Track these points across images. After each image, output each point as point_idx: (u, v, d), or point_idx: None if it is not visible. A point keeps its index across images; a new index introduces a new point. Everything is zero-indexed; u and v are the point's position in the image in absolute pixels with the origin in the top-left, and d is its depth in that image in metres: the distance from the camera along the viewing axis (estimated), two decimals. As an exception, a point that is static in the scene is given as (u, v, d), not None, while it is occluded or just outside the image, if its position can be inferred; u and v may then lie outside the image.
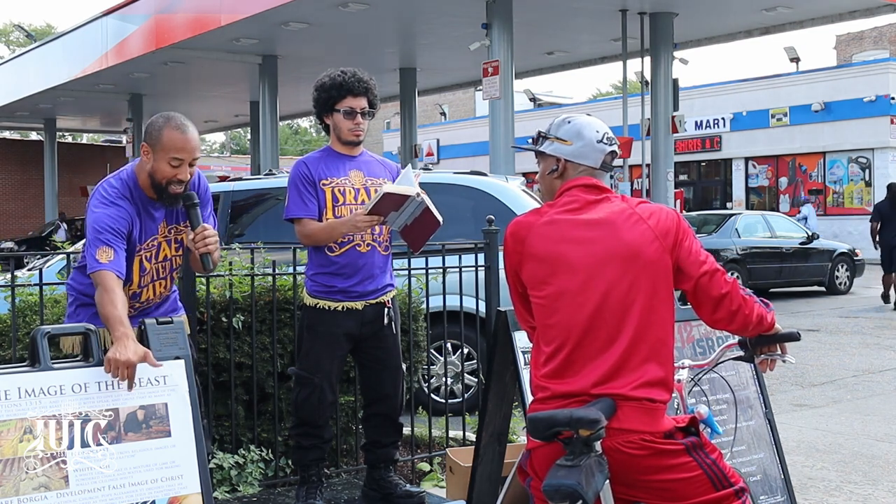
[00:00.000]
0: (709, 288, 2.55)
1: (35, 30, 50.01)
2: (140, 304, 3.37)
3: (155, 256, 3.35)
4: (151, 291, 3.38)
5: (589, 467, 2.29)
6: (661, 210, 2.58)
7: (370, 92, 4.03)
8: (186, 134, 3.21)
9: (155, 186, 3.24)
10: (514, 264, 2.64)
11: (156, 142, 3.20)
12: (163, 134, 3.19)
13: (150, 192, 3.28)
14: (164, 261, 3.38)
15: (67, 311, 3.47)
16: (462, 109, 47.38)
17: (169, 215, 3.37)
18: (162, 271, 3.38)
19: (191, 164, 3.24)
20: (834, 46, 40.24)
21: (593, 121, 2.70)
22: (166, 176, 3.21)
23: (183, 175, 3.22)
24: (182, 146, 3.19)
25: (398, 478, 4.29)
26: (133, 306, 3.30)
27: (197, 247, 3.23)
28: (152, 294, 3.39)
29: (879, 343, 10.19)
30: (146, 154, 3.23)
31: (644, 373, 2.44)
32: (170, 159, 3.18)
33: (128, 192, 3.26)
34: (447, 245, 5.07)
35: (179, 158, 3.19)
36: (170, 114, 3.30)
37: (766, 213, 17.79)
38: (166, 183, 3.22)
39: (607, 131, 2.69)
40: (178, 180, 3.22)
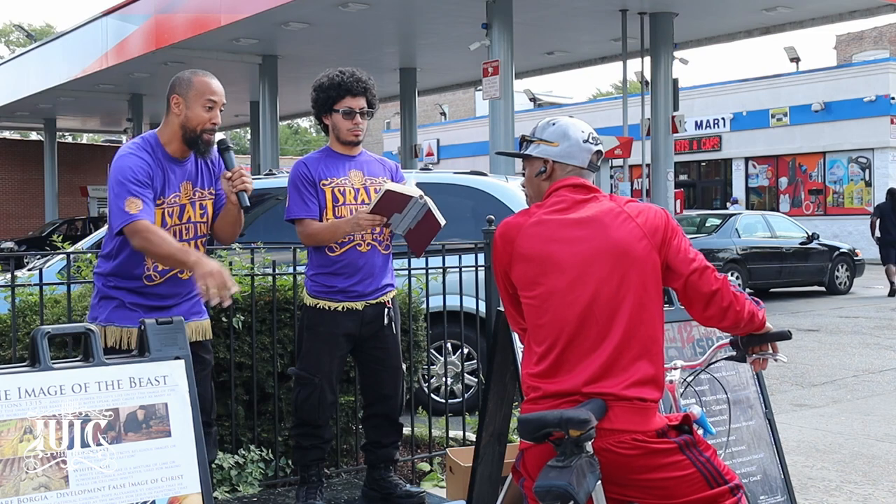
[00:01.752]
0: (699, 285, 2.55)
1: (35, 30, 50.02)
2: (164, 266, 3.36)
3: (178, 215, 3.39)
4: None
5: (580, 468, 2.29)
6: (649, 208, 2.59)
7: (369, 92, 4.03)
8: (214, 79, 3.42)
9: (188, 138, 3.36)
10: (504, 265, 2.65)
11: (188, 89, 3.35)
12: (194, 80, 3.37)
13: (178, 149, 3.38)
14: (187, 222, 3.43)
15: (91, 303, 3.48)
16: (462, 109, 47.39)
17: (193, 177, 3.44)
18: (185, 233, 3.41)
19: (219, 110, 3.39)
20: (834, 46, 40.26)
21: (577, 122, 2.72)
22: (202, 121, 3.34)
23: (216, 119, 3.37)
24: (215, 88, 3.37)
25: (398, 478, 4.29)
26: (156, 268, 3.34)
27: (234, 184, 3.34)
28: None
29: (879, 343, 10.19)
30: (178, 105, 3.36)
31: (635, 371, 2.45)
32: (204, 102, 3.34)
33: (148, 147, 3.35)
34: (447, 245, 5.07)
35: (213, 100, 3.35)
36: (193, 69, 3.48)
37: (766, 213, 17.79)
38: (201, 130, 3.35)
39: (592, 131, 2.71)
40: (213, 124, 3.36)
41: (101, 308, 3.38)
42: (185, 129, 3.36)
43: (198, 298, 3.53)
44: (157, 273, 3.36)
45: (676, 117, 17.24)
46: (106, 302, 3.37)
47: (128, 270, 3.35)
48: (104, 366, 2.60)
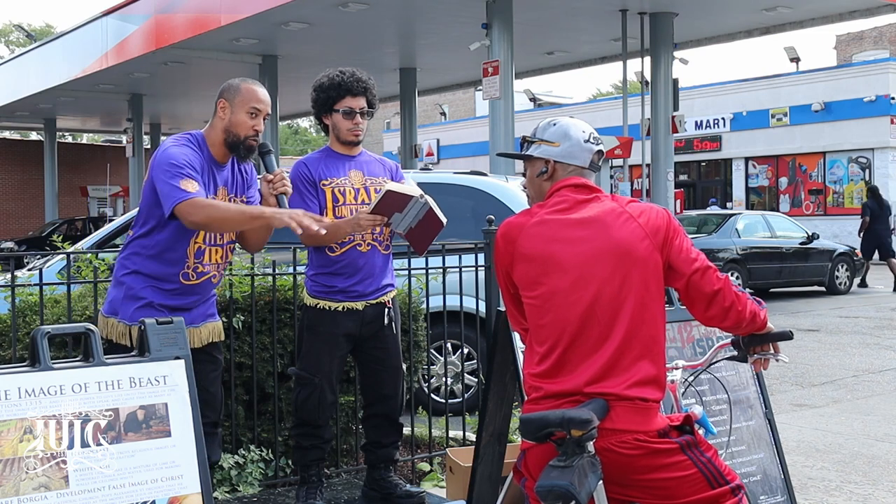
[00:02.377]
0: (701, 285, 2.55)
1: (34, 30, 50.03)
2: (202, 268, 3.43)
3: None
4: (212, 254, 3.47)
5: (582, 468, 2.29)
6: (651, 209, 2.59)
7: (369, 92, 4.03)
8: (262, 88, 3.51)
9: (231, 142, 3.43)
10: (506, 265, 2.65)
11: (235, 95, 3.44)
12: (241, 87, 3.46)
13: (219, 153, 3.46)
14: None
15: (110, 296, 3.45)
16: (462, 109, 47.39)
17: (229, 183, 3.50)
18: (219, 238, 3.48)
19: (264, 119, 3.47)
20: (834, 46, 40.26)
21: (578, 122, 2.72)
22: (245, 127, 3.42)
23: (259, 126, 3.45)
24: (261, 97, 3.46)
25: (398, 478, 4.29)
26: (196, 269, 3.42)
27: (276, 187, 3.45)
28: (217, 258, 3.49)
29: (879, 343, 10.19)
30: (224, 109, 3.44)
31: (637, 371, 2.45)
32: (249, 109, 3.42)
33: (196, 143, 3.43)
34: (447, 245, 5.07)
35: (258, 108, 3.43)
36: (243, 77, 3.59)
37: (766, 213, 17.79)
38: (244, 136, 3.42)
39: (592, 131, 2.71)
40: (255, 132, 3.44)
41: (125, 306, 3.38)
42: (229, 133, 3.43)
43: (213, 300, 3.61)
44: (195, 273, 3.43)
45: (676, 117, 17.24)
46: (131, 301, 3.37)
47: (167, 269, 3.38)
48: (104, 366, 2.60)
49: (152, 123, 31.27)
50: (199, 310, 3.49)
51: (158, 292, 3.38)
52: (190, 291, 3.44)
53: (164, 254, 3.38)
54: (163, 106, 28.12)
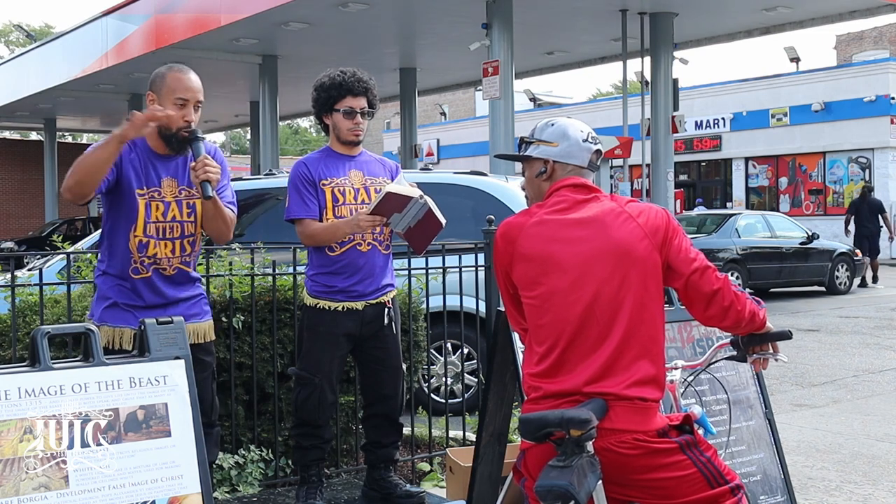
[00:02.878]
0: (700, 285, 2.55)
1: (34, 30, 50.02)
2: (149, 260, 3.35)
3: (163, 213, 3.36)
4: (159, 248, 3.36)
5: (581, 468, 2.29)
6: (650, 208, 2.59)
7: (370, 92, 4.03)
8: (189, 74, 3.38)
9: (164, 135, 3.33)
10: (505, 265, 2.65)
11: (161, 86, 3.33)
12: (167, 77, 3.34)
13: (157, 145, 3.37)
14: (172, 221, 3.39)
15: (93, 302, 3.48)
16: (462, 109, 47.39)
17: (179, 175, 3.41)
18: (169, 232, 3.38)
19: (195, 109, 3.36)
20: (834, 46, 40.25)
21: (575, 122, 2.72)
22: (174, 120, 3.29)
23: (189, 116, 3.33)
24: (186, 86, 3.34)
25: (398, 478, 4.29)
26: (142, 261, 3.34)
27: (197, 173, 3.28)
28: (160, 251, 3.36)
29: (879, 343, 10.19)
30: (152, 102, 3.33)
31: (636, 371, 2.45)
32: (175, 100, 3.30)
33: (131, 142, 3.31)
34: (447, 245, 5.07)
35: (184, 98, 3.32)
36: (170, 63, 3.47)
37: (766, 213, 17.80)
38: (176, 129, 3.31)
39: (590, 131, 2.72)
40: (186, 122, 3.32)
41: (96, 306, 3.40)
42: (160, 126, 3.31)
43: (197, 300, 3.52)
44: (143, 266, 3.35)
45: (676, 117, 17.24)
46: (101, 301, 3.38)
47: (119, 265, 3.35)
48: (104, 366, 2.60)
49: (152, 123, 31.19)
50: (178, 309, 3.38)
51: (122, 291, 3.35)
52: (146, 286, 3.36)
53: (113, 249, 3.36)
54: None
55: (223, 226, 3.46)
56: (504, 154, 3.05)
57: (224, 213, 3.42)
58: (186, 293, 3.47)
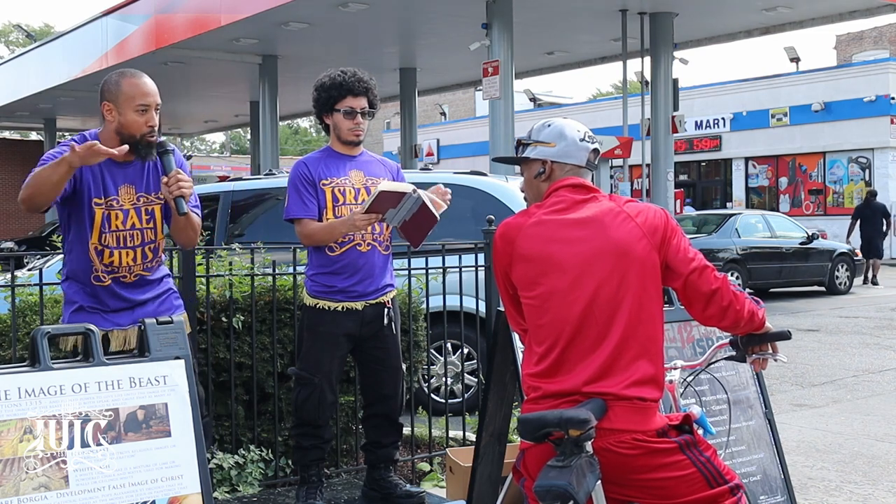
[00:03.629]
0: (699, 284, 2.55)
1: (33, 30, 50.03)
2: (110, 270, 3.31)
3: (122, 221, 3.31)
4: (118, 257, 3.32)
5: (580, 468, 2.29)
6: (648, 208, 2.59)
7: (370, 92, 4.03)
8: (144, 79, 3.29)
9: (127, 143, 3.21)
10: (504, 266, 2.65)
11: (117, 95, 3.24)
12: (123, 84, 3.25)
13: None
14: (132, 228, 3.34)
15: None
16: (462, 109, 47.39)
17: (137, 181, 3.33)
18: (130, 240, 3.33)
19: (155, 111, 3.29)
20: (834, 46, 40.25)
21: (572, 121, 2.72)
22: (138, 127, 3.23)
23: (152, 121, 3.26)
24: (145, 91, 3.25)
25: (398, 478, 4.29)
26: (103, 270, 3.29)
27: (171, 189, 3.21)
28: (118, 260, 3.32)
29: (879, 343, 10.19)
30: (110, 112, 3.25)
31: (635, 371, 2.45)
32: (136, 107, 3.23)
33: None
34: (447, 245, 5.07)
35: (145, 104, 3.24)
36: (121, 69, 3.37)
37: (766, 213, 17.80)
38: (140, 135, 3.24)
39: (587, 130, 2.72)
40: (149, 127, 3.25)
41: (65, 310, 3.38)
42: (122, 135, 3.24)
43: (166, 297, 3.48)
44: (105, 275, 3.32)
45: (676, 117, 17.24)
46: (69, 305, 3.35)
47: (80, 270, 3.33)
48: (104, 366, 2.60)
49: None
50: (144, 311, 3.36)
51: (86, 296, 3.33)
52: (107, 293, 3.33)
53: (73, 256, 3.33)
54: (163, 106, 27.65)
55: (192, 234, 3.43)
56: (502, 157, 3.04)
57: (194, 223, 3.39)
58: (153, 292, 3.43)
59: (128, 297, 3.37)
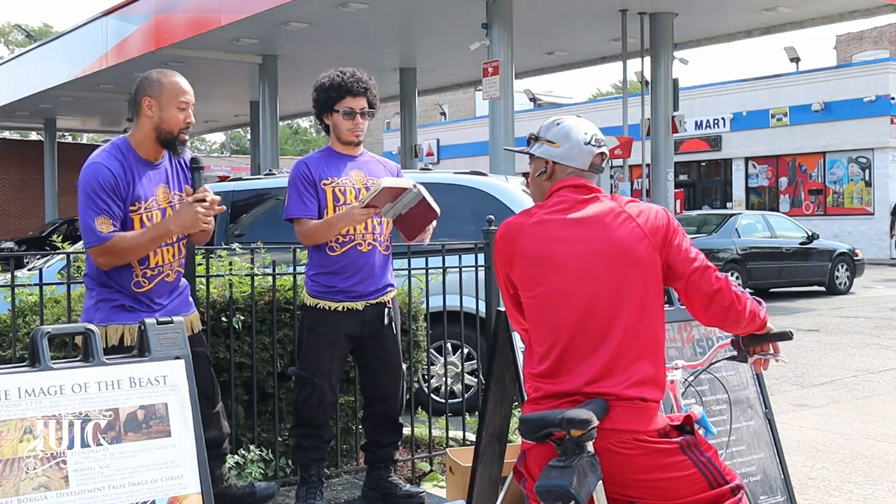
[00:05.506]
0: (700, 285, 2.55)
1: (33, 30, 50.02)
2: (152, 272, 3.42)
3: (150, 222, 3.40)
4: (160, 256, 3.43)
5: (581, 468, 2.29)
6: (650, 209, 2.59)
7: (370, 92, 4.03)
8: (184, 78, 3.46)
9: (163, 139, 3.38)
10: (506, 266, 2.65)
11: (160, 91, 3.36)
12: (166, 83, 3.38)
13: (150, 151, 3.40)
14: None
15: (85, 305, 3.48)
16: (462, 109, 47.38)
17: (168, 180, 3.46)
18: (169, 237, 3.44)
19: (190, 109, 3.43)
20: (834, 46, 40.25)
21: (582, 123, 2.69)
22: (177, 123, 3.38)
23: (190, 119, 3.41)
24: (186, 89, 3.42)
25: (398, 478, 4.29)
26: (145, 274, 3.40)
27: (214, 210, 3.39)
28: (161, 260, 3.44)
29: (879, 343, 10.19)
30: (150, 107, 3.36)
31: (636, 371, 2.45)
32: (178, 104, 3.37)
33: (119, 153, 3.35)
34: (447, 245, 5.07)
35: (186, 101, 3.39)
36: (159, 69, 3.51)
37: (766, 213, 17.80)
38: (178, 131, 3.39)
39: (596, 133, 2.68)
40: (187, 124, 3.41)
41: (97, 310, 3.40)
42: (161, 130, 3.37)
43: (186, 293, 3.61)
44: (146, 279, 3.41)
45: (676, 117, 17.23)
46: (103, 304, 3.40)
47: (118, 280, 3.39)
48: (104, 366, 2.60)
49: (152, 123, 31.21)
50: (174, 304, 3.49)
51: (124, 296, 3.40)
52: (148, 296, 3.42)
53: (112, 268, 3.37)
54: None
55: (208, 236, 3.58)
56: (511, 147, 3.03)
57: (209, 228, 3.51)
58: (176, 288, 3.56)
59: (161, 302, 3.47)
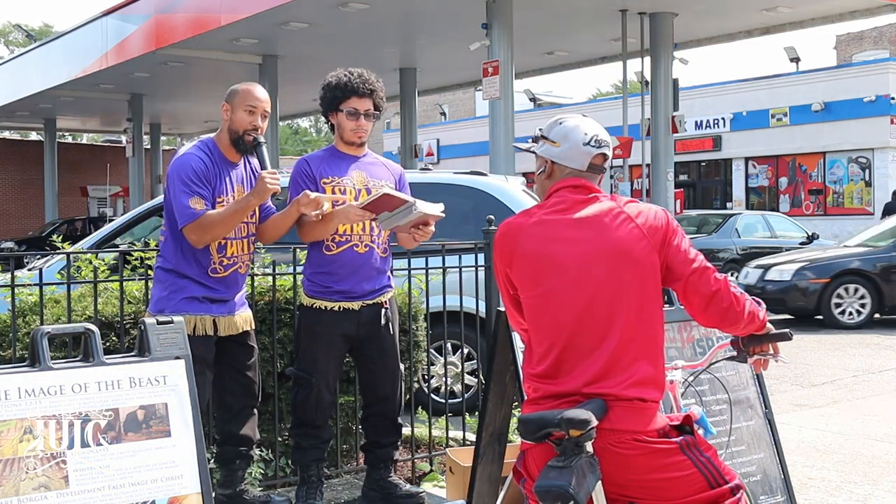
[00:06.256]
0: (699, 286, 2.55)
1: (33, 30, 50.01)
2: (228, 261, 3.77)
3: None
4: (236, 247, 3.79)
5: (580, 468, 2.29)
6: (649, 209, 2.58)
7: (376, 94, 4.03)
8: (259, 87, 3.85)
9: (234, 139, 3.76)
10: (505, 266, 2.65)
11: (234, 96, 3.79)
12: (240, 90, 3.80)
13: (228, 151, 3.79)
14: (244, 222, 3.81)
15: (156, 296, 3.73)
16: (462, 109, 47.37)
17: (244, 181, 3.84)
18: (238, 231, 3.79)
19: (263, 118, 3.78)
20: (834, 46, 40.24)
21: (583, 123, 2.67)
22: (244, 125, 3.74)
23: (256, 122, 3.76)
24: (257, 95, 3.78)
25: (398, 478, 4.29)
26: (221, 262, 3.74)
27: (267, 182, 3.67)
28: (237, 250, 3.80)
29: (879, 343, 10.19)
30: (227, 112, 3.78)
31: (635, 372, 2.45)
32: (246, 107, 3.74)
33: (206, 149, 3.76)
34: (447, 245, 5.07)
35: (254, 105, 3.75)
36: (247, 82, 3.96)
37: (766, 213, 17.80)
38: (243, 132, 3.74)
39: (598, 134, 2.65)
40: (253, 126, 3.75)
41: (169, 300, 3.67)
42: (231, 131, 3.76)
43: (243, 291, 3.95)
44: (222, 267, 3.75)
45: (676, 117, 17.24)
46: (175, 294, 3.68)
47: (196, 266, 3.71)
48: (104, 366, 2.60)
49: (152, 123, 31.28)
50: (233, 302, 3.82)
51: (196, 285, 3.70)
52: (222, 283, 3.75)
53: (191, 253, 3.70)
54: (163, 106, 28.13)
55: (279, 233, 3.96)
56: (518, 145, 3.03)
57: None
58: (241, 285, 3.92)
59: (232, 290, 3.81)
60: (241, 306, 3.89)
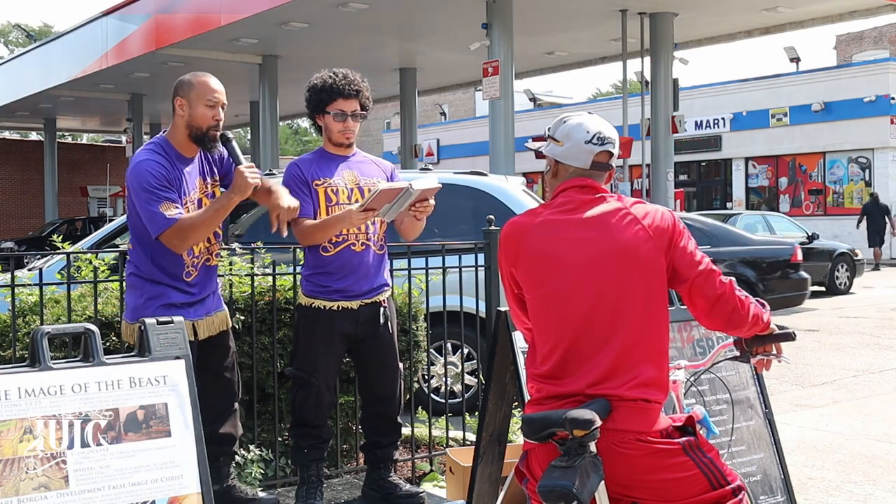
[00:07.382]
0: (704, 289, 2.54)
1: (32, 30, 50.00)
2: (197, 259, 3.66)
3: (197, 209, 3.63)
4: (201, 244, 3.66)
5: (584, 468, 2.28)
6: (656, 210, 2.58)
7: (362, 94, 4.02)
8: (214, 79, 3.65)
9: (195, 136, 3.60)
10: (510, 265, 2.64)
11: (189, 90, 3.59)
12: (195, 82, 3.61)
13: (185, 148, 3.63)
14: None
15: (130, 304, 3.64)
16: (462, 109, 47.37)
17: (202, 172, 3.70)
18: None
19: (221, 108, 3.63)
20: (834, 46, 40.25)
21: (586, 120, 2.66)
22: (206, 120, 3.58)
23: (219, 116, 3.61)
24: (215, 87, 3.61)
25: (398, 478, 4.29)
26: (193, 263, 3.64)
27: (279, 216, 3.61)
28: (203, 248, 3.69)
29: (879, 343, 10.19)
30: (182, 107, 3.59)
31: (639, 373, 2.44)
32: (206, 101, 3.58)
33: (161, 150, 3.59)
34: (447, 245, 5.06)
35: (214, 99, 3.59)
36: (193, 72, 3.72)
37: (766, 213, 17.79)
38: (207, 128, 3.59)
39: (600, 130, 2.64)
40: (216, 121, 3.60)
41: (146, 307, 3.56)
42: (192, 128, 3.59)
43: (218, 289, 3.86)
44: (194, 268, 3.65)
45: (676, 117, 17.24)
46: (152, 301, 3.58)
47: (172, 272, 3.61)
48: (104, 366, 2.60)
49: (152, 123, 31.28)
50: (212, 300, 3.75)
51: (174, 291, 3.61)
52: (197, 283, 3.67)
53: (163, 261, 3.59)
54: (163, 106, 28.11)
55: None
56: (528, 145, 3.02)
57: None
58: (215, 284, 3.83)
59: (207, 287, 3.73)
60: (218, 305, 3.80)
